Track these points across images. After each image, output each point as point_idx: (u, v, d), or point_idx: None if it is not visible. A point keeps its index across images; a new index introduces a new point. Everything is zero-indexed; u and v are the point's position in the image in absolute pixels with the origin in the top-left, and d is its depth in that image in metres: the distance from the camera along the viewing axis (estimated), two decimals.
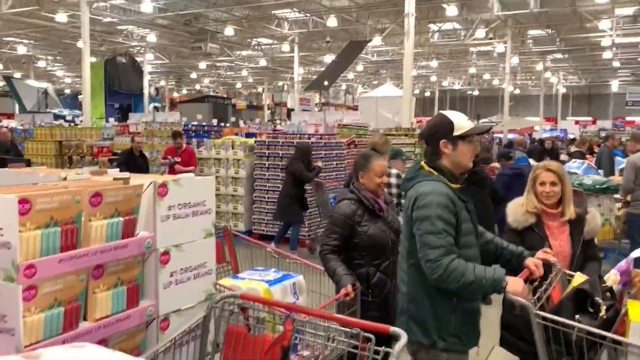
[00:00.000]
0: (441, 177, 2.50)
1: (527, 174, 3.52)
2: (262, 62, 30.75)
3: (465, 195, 2.57)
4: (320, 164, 7.84)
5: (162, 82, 40.81)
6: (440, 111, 2.80)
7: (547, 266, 2.86)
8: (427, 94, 46.12)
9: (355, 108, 35.13)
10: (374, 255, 3.29)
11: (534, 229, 3.14)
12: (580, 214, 3.14)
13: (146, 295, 2.14)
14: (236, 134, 11.11)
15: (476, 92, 44.87)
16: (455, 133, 2.51)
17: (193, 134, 11.97)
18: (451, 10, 18.62)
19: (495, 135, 25.66)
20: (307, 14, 21.33)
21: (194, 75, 38.19)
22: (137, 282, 2.08)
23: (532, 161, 10.70)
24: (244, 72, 36.53)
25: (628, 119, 40.82)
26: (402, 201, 4.02)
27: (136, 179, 2.23)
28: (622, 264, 2.58)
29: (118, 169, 8.51)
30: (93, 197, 1.87)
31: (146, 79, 28.29)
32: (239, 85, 43.80)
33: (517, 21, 22.79)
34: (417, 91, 44.18)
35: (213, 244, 2.38)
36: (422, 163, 2.60)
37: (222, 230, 4.02)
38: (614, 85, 40.50)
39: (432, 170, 2.54)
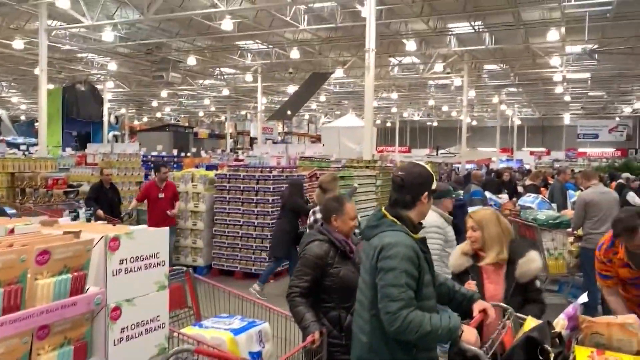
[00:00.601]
0: (404, 228, 2.53)
1: (466, 207, 3.68)
2: (225, 92, 30.79)
3: (425, 246, 2.62)
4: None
5: (123, 110, 40.27)
6: (416, 162, 2.87)
7: (501, 311, 2.93)
8: (389, 124, 46.97)
9: (318, 137, 35.43)
10: (345, 298, 3.22)
11: (469, 272, 3.22)
12: (514, 258, 3.16)
13: (95, 352, 2.07)
14: (197, 166, 11.00)
15: (435, 123, 45.99)
16: (433, 186, 2.62)
17: (152, 165, 11.81)
18: (410, 45, 19.18)
19: (454, 165, 26.30)
20: (270, 46, 21.58)
21: (155, 104, 37.84)
22: (85, 340, 2.01)
23: (488, 194, 10.99)
24: (207, 101, 36.45)
25: (580, 150, 42.60)
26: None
27: (88, 230, 2.18)
28: (570, 309, 2.66)
29: (86, 206, 8.08)
30: (40, 255, 1.81)
31: (106, 106, 27.86)
32: (201, 113, 43.63)
33: (473, 56, 23.65)
34: (378, 122, 44.94)
35: (166, 296, 2.33)
36: (384, 211, 2.60)
37: (184, 273, 3.95)
38: (566, 118, 42.28)
39: (394, 219, 2.55)
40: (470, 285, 3.05)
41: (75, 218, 7.55)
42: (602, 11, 16.28)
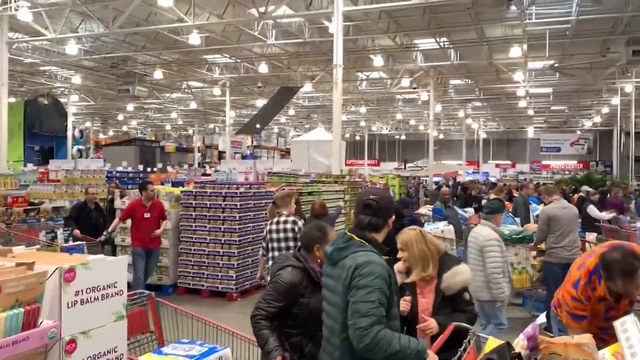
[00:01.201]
0: (373, 249, 2.58)
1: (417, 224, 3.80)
2: (193, 105, 30.55)
3: (391, 266, 2.67)
4: None
5: (88, 124, 39.54)
6: (380, 188, 2.92)
7: (464, 331, 2.98)
8: (358, 137, 47.34)
9: (287, 151, 35.44)
10: (310, 327, 3.18)
11: (404, 287, 3.34)
12: (441, 272, 3.29)
13: None
14: (162, 182, 10.84)
15: (403, 137, 46.59)
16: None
17: (117, 181, 11.59)
18: (377, 60, 19.44)
19: (422, 178, 26.60)
20: (238, 60, 21.56)
21: (121, 117, 37.28)
22: None
23: (457, 209, 11.16)
24: (174, 114, 36.11)
25: (544, 162, 43.76)
26: None
27: (44, 260, 2.12)
28: (529, 329, 2.70)
29: (65, 225, 7.71)
30: None
31: (70, 120, 27.30)
32: (168, 127, 43.17)
33: (439, 72, 24.11)
34: (347, 135, 45.28)
35: (124, 326, 2.28)
36: (351, 233, 2.64)
37: (146, 297, 3.87)
38: (530, 132, 43.40)
39: (362, 241, 2.60)
40: (406, 300, 3.22)
41: (53, 239, 7.35)
42: (562, 29, 16.85)
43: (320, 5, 14.60)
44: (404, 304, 3.18)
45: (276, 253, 5.51)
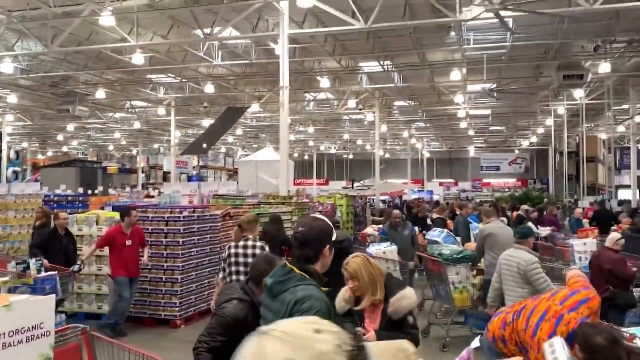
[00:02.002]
0: (314, 281, 2.54)
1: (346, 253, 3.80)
2: (137, 125, 29.88)
3: (331, 298, 2.64)
4: None
5: (24, 144, 37.89)
6: (315, 215, 2.89)
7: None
8: (306, 157, 47.57)
9: (235, 171, 35.11)
10: None
11: (351, 312, 3.36)
12: (387, 297, 3.33)
13: None
14: (102, 207, 10.50)
15: (351, 156, 47.19)
16: (333, 238, 2.66)
17: (55, 205, 11.13)
18: (324, 82, 19.68)
19: (369, 197, 26.93)
20: (183, 79, 21.32)
21: (60, 137, 35.95)
22: None
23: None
24: (117, 134, 35.16)
25: (484, 180, 45.37)
26: None
27: None
28: (464, 353, 2.79)
29: (30, 255, 7.20)
30: None
31: (5, 140, 26.08)
32: (111, 147, 41.97)
33: (384, 93, 24.69)
34: (296, 154, 45.42)
35: None
36: (291, 266, 2.59)
37: (81, 331, 3.71)
38: (471, 151, 44.98)
39: (303, 273, 2.55)
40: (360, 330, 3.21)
41: (25, 269, 6.93)
42: (498, 54, 17.65)
43: (266, 27, 14.70)
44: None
45: (242, 277, 5.35)
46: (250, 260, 5.37)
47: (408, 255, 8.67)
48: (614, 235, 6.93)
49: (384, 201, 28.35)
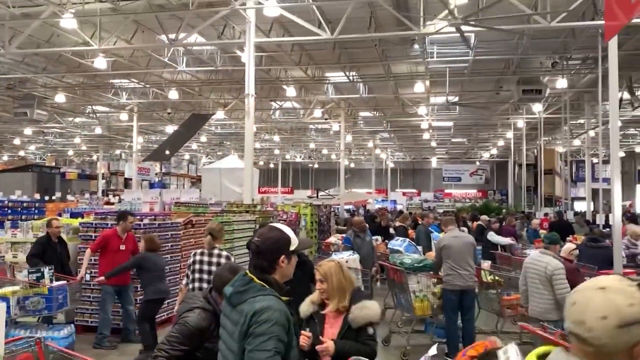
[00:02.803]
0: (273, 292, 2.52)
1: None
2: (98, 130, 29.24)
3: (291, 307, 2.64)
4: None
5: None
6: (273, 225, 2.84)
7: None
8: (272, 165, 47.47)
9: (198, 178, 34.73)
10: None
11: (313, 317, 3.43)
12: (351, 305, 3.38)
13: None
14: (60, 213, 10.22)
15: (316, 165, 47.33)
16: (291, 248, 2.63)
17: (9, 211, 10.78)
18: (290, 91, 19.74)
19: (333, 206, 27.03)
20: (147, 85, 21.01)
21: (17, 141, 34.84)
22: None
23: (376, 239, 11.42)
24: (77, 140, 34.32)
25: (446, 191, 46.20)
26: None
27: None
28: None
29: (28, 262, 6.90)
30: None
31: None
32: (70, 152, 40.91)
33: (349, 104, 24.93)
34: (261, 163, 45.28)
35: None
36: (251, 275, 2.56)
37: (35, 342, 3.59)
38: (434, 162, 45.80)
39: (263, 283, 2.52)
40: (305, 336, 3.24)
41: (39, 279, 6.65)
42: (461, 67, 18.08)
43: (232, 34, 14.67)
44: (304, 339, 3.19)
45: (205, 285, 5.31)
46: (214, 268, 5.35)
47: (369, 263, 8.76)
48: (568, 246, 7.17)
49: (348, 210, 28.50)
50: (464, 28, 11.70)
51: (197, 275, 5.48)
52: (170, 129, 26.48)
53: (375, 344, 3.42)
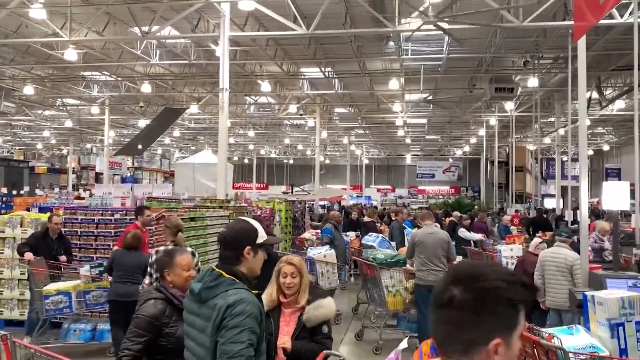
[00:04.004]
0: (244, 285, 2.51)
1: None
2: (68, 123, 28.62)
3: (262, 301, 2.63)
4: None
5: None
6: (242, 217, 2.86)
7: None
8: (246, 160, 47.22)
9: (171, 173, 34.32)
10: (181, 358, 3.05)
11: (269, 315, 3.35)
12: (307, 303, 3.36)
13: None
14: (28, 208, 9.99)
15: (291, 161, 47.26)
16: (258, 241, 2.62)
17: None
18: (265, 86, 19.65)
19: (308, 202, 27.04)
20: (118, 78, 20.64)
21: None
22: None
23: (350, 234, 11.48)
24: (46, 133, 33.55)
25: (420, 187, 46.67)
26: None
27: None
28: (392, 355, 2.85)
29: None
30: None
31: None
32: (39, 146, 39.98)
33: (325, 100, 24.93)
34: (236, 158, 45.00)
35: None
36: (220, 270, 2.55)
37: (1, 338, 3.52)
38: (408, 159, 46.19)
39: (232, 277, 2.52)
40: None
41: (102, 272, 6.64)
42: (435, 65, 18.25)
43: (206, 28, 14.50)
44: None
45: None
46: None
47: (342, 256, 8.84)
48: (536, 240, 7.34)
49: (323, 206, 28.54)
50: (440, 25, 11.80)
51: (159, 275, 5.33)
52: (143, 122, 26.09)
53: (330, 342, 3.40)
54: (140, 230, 7.48)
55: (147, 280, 5.59)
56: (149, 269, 5.56)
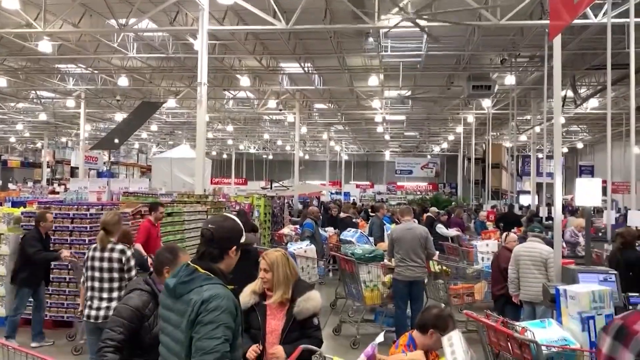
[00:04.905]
0: (219, 280, 2.50)
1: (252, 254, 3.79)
2: (42, 116, 28.08)
3: (236, 296, 2.62)
4: None
5: None
6: (228, 215, 2.84)
7: (310, 353, 3.10)
8: (225, 156, 46.92)
9: (148, 168, 33.95)
10: (157, 355, 2.95)
11: (254, 308, 3.36)
12: (295, 297, 3.34)
13: None
14: (0, 204, 9.78)
15: (271, 157, 47.12)
16: (241, 241, 2.64)
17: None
18: (244, 80, 19.53)
19: (287, 198, 27.00)
20: (95, 71, 20.30)
21: None
22: None
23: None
24: (20, 126, 32.85)
25: (399, 183, 46.98)
26: None
27: None
28: (369, 349, 2.88)
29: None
30: None
31: None
32: (13, 139, 39.14)
33: (304, 95, 24.90)
34: (214, 153, 44.66)
35: None
36: (194, 265, 2.53)
37: None
38: (387, 155, 46.46)
39: (208, 273, 2.50)
40: (255, 350, 3.21)
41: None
42: (414, 62, 18.35)
43: (185, 21, 14.35)
44: (252, 354, 3.17)
45: (96, 284, 4.94)
46: (106, 265, 4.97)
47: (319, 252, 8.87)
48: (512, 236, 7.46)
49: (302, 202, 28.53)
50: (419, 22, 11.88)
51: (89, 274, 5.01)
52: (120, 116, 25.73)
53: (320, 333, 3.42)
54: (152, 226, 7.83)
55: (82, 278, 5.25)
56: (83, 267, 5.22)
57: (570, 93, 18.73)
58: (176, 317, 2.49)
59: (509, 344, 3.49)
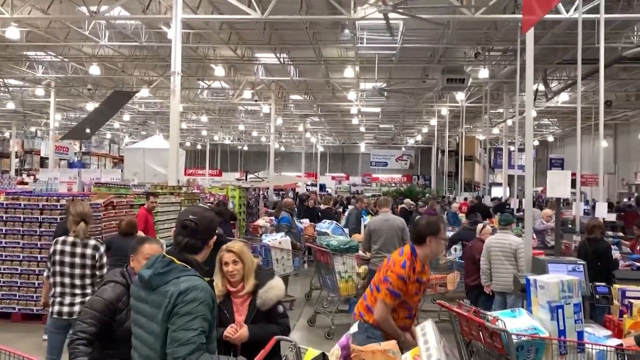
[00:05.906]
0: (196, 272, 2.48)
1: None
2: (10, 105, 27.32)
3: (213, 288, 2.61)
4: None
5: None
6: (205, 207, 2.84)
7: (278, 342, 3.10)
8: (199, 147, 46.45)
9: (121, 159, 33.37)
10: (129, 349, 2.88)
11: (220, 307, 3.21)
12: (256, 288, 3.27)
13: None
14: None
15: (246, 148, 46.83)
16: (217, 231, 2.67)
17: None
18: (219, 70, 19.30)
19: (262, 190, 26.90)
20: (65, 59, 19.81)
21: None
22: None
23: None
24: None
25: (374, 175, 47.29)
26: None
27: None
28: (343, 339, 2.89)
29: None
30: None
31: None
32: None
33: (280, 86, 24.78)
34: (188, 144, 44.18)
35: None
36: (170, 257, 2.50)
37: None
38: (362, 147, 46.67)
39: (184, 264, 2.48)
40: (233, 327, 3.15)
41: None
42: (389, 54, 18.41)
43: (158, 9, 14.10)
44: (231, 330, 3.11)
45: (66, 280, 4.66)
46: (78, 261, 4.68)
47: (297, 242, 8.90)
48: (487, 228, 7.58)
49: (277, 193, 28.47)
50: (392, 15, 11.90)
51: (57, 269, 4.69)
52: (91, 106, 25.21)
53: (287, 320, 3.39)
54: (149, 213, 8.12)
55: (45, 272, 5.07)
56: (47, 261, 4.94)
57: (541, 87, 19.05)
58: (150, 309, 2.46)
59: (480, 333, 3.55)
